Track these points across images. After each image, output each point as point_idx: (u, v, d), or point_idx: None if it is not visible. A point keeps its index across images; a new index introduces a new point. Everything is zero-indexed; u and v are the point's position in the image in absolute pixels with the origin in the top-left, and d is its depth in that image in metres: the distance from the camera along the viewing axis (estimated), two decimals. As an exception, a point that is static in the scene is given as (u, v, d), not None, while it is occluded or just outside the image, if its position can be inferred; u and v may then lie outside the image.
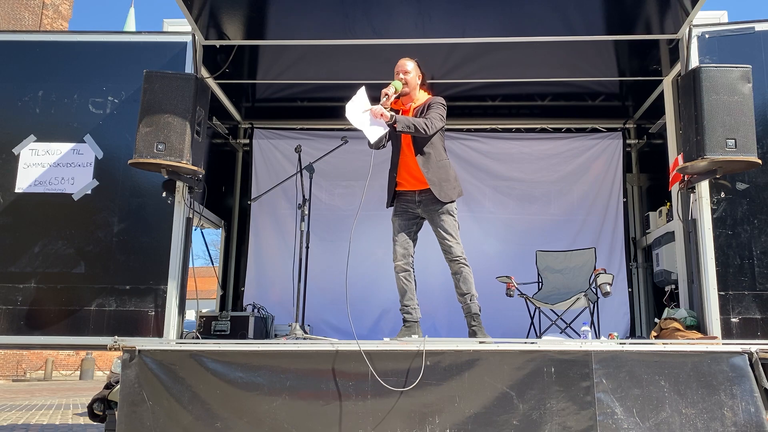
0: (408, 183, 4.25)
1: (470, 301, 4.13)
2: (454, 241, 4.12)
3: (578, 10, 4.36)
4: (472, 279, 4.15)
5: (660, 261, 5.42)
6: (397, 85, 4.13)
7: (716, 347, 3.69)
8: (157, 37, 4.59)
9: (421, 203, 4.21)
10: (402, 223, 4.27)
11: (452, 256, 4.12)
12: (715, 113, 3.85)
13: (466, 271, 4.13)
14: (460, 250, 4.13)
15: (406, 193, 4.26)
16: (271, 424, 3.54)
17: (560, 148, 6.42)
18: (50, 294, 4.22)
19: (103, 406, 4.47)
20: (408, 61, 4.28)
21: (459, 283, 4.14)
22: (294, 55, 5.18)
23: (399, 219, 4.29)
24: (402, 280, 4.22)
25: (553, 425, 3.47)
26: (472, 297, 4.13)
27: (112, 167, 4.39)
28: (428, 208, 4.17)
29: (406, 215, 4.27)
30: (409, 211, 4.27)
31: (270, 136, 6.54)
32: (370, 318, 6.09)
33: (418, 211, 4.25)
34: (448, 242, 4.11)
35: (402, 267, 4.21)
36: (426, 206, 4.18)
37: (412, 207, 4.26)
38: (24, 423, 7.74)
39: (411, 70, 4.25)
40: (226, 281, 6.36)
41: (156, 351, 3.74)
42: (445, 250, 4.15)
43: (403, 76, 4.21)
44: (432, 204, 4.15)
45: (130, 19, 18.16)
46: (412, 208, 4.26)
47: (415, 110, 4.25)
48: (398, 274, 4.23)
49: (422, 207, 4.21)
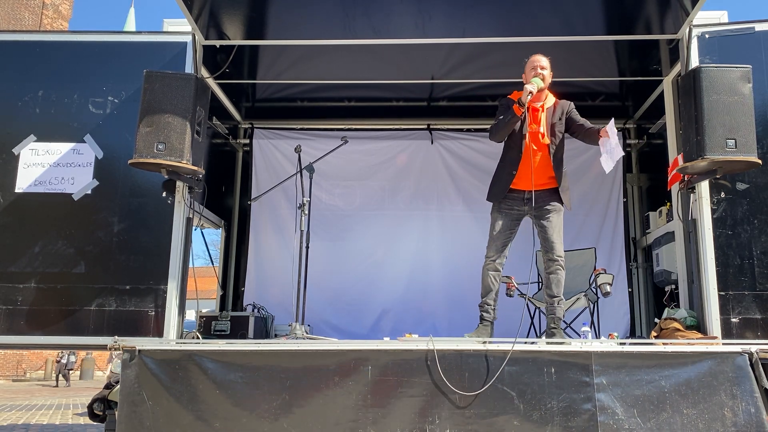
0: (526, 182, 4.15)
1: (557, 304, 4.13)
2: (559, 240, 4.12)
3: (578, 10, 4.36)
4: (563, 282, 4.13)
5: (660, 261, 5.42)
6: (538, 82, 4.05)
7: (716, 347, 3.69)
8: (157, 37, 4.59)
9: (530, 201, 4.12)
10: (506, 222, 4.22)
11: (554, 255, 4.11)
12: (715, 113, 3.85)
13: (561, 274, 4.11)
14: (562, 251, 4.13)
15: (517, 192, 4.20)
16: (271, 424, 3.54)
17: (560, 148, 6.41)
18: (50, 294, 4.22)
19: (103, 406, 4.48)
20: (543, 57, 4.20)
21: (551, 284, 4.13)
22: (294, 55, 5.18)
23: (503, 219, 4.22)
24: (490, 277, 4.20)
25: (553, 425, 3.47)
26: (560, 301, 4.13)
27: (112, 167, 4.39)
28: (540, 206, 4.13)
29: (511, 215, 4.23)
30: (515, 209, 4.22)
31: (270, 136, 6.54)
32: (370, 318, 6.09)
33: (525, 209, 4.20)
34: (553, 240, 4.11)
35: (494, 266, 4.19)
36: (538, 203, 4.12)
37: (519, 205, 4.20)
38: (24, 423, 7.75)
39: (547, 66, 4.19)
40: (226, 281, 6.36)
41: (156, 351, 3.74)
42: (548, 248, 4.13)
43: (541, 71, 4.13)
44: (547, 202, 4.14)
45: (130, 19, 18.20)
46: (518, 206, 4.21)
47: (547, 110, 4.22)
48: (489, 271, 4.20)
49: (530, 205, 4.13)
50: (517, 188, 4.20)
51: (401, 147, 6.42)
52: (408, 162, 6.35)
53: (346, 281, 6.18)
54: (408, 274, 6.11)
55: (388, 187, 6.41)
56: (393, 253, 6.20)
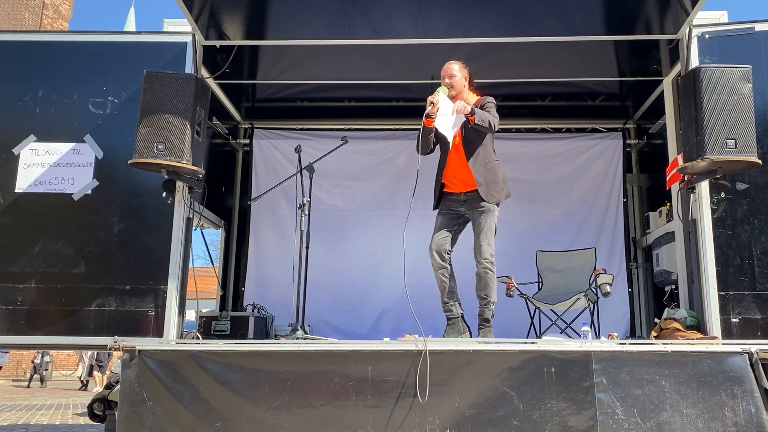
0: (454, 185, 4.23)
1: (486, 305, 4.12)
2: (486, 242, 4.09)
3: (578, 10, 4.36)
4: (494, 285, 4.12)
5: (660, 261, 5.42)
6: (443, 91, 4.07)
7: (716, 347, 3.69)
8: (157, 37, 4.59)
9: (465, 202, 4.19)
10: (444, 221, 4.25)
11: (480, 257, 4.10)
12: (715, 113, 3.85)
13: (491, 275, 4.11)
14: (489, 253, 4.10)
15: (452, 194, 4.25)
16: (271, 424, 3.54)
17: (560, 148, 6.42)
18: (50, 294, 4.22)
19: (103, 406, 4.48)
20: (454, 64, 4.22)
21: (480, 285, 4.13)
22: (294, 55, 5.18)
23: (441, 217, 4.26)
24: (440, 277, 4.19)
25: (553, 425, 3.47)
26: (488, 302, 4.12)
27: (112, 167, 4.39)
28: (472, 207, 4.16)
29: (449, 214, 4.26)
30: (453, 209, 4.25)
31: (270, 136, 6.54)
32: (370, 318, 6.09)
33: (462, 209, 4.23)
34: (480, 242, 4.10)
35: (439, 264, 4.18)
36: (470, 205, 4.16)
37: (456, 206, 4.24)
38: (24, 423, 7.75)
39: (456, 72, 4.19)
40: (226, 281, 6.36)
41: (156, 351, 3.74)
42: (476, 250, 4.13)
43: (449, 81, 4.15)
44: (476, 203, 4.13)
45: (130, 19, 18.20)
46: (455, 206, 4.24)
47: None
48: (436, 272, 4.20)
49: (466, 206, 4.19)
50: (452, 191, 4.25)
51: (401, 147, 6.41)
52: (408, 162, 6.35)
53: (346, 281, 6.18)
54: (408, 274, 6.10)
55: (388, 187, 6.41)
56: (393, 253, 6.17)
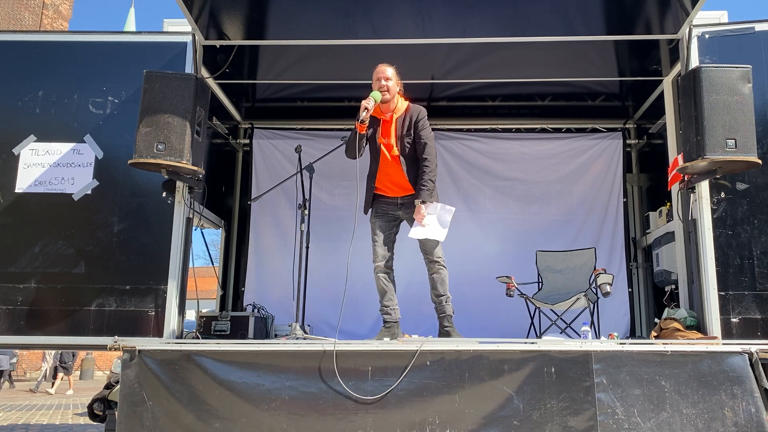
0: (389, 190, 4.27)
1: (446, 302, 4.18)
2: (433, 243, 4.15)
3: (578, 10, 4.36)
4: (447, 281, 4.20)
5: (660, 261, 5.42)
6: (376, 96, 4.09)
7: (716, 347, 3.69)
8: (157, 37, 4.59)
9: (403, 206, 4.24)
10: (382, 224, 4.28)
11: (432, 257, 4.16)
12: (715, 113, 3.85)
13: (444, 272, 4.18)
14: (438, 253, 4.17)
15: (388, 197, 4.28)
16: (271, 424, 3.54)
17: (560, 148, 6.41)
18: (50, 294, 4.22)
19: (103, 406, 4.49)
20: (388, 67, 4.23)
21: (436, 284, 4.17)
22: (294, 55, 5.18)
23: (379, 220, 4.29)
24: (382, 280, 4.24)
25: (553, 425, 3.47)
26: (447, 299, 4.18)
27: (112, 167, 4.39)
28: (410, 210, 4.19)
29: (386, 217, 4.29)
30: (390, 213, 4.29)
31: (270, 136, 6.53)
32: (370, 318, 6.08)
33: (399, 213, 4.28)
34: (429, 243, 4.13)
35: (382, 268, 4.23)
36: (408, 209, 4.21)
37: (393, 209, 4.28)
38: (24, 423, 7.75)
39: (392, 76, 4.20)
40: (226, 281, 6.36)
41: (156, 351, 3.75)
42: (426, 251, 4.18)
43: (385, 83, 4.16)
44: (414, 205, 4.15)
45: (130, 19, 18.19)
46: (392, 210, 4.29)
47: (397, 120, 4.23)
48: (378, 274, 4.24)
49: (404, 210, 4.24)
50: (388, 195, 4.27)
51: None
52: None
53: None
54: (408, 274, 6.10)
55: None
56: (393, 253, 6.19)
